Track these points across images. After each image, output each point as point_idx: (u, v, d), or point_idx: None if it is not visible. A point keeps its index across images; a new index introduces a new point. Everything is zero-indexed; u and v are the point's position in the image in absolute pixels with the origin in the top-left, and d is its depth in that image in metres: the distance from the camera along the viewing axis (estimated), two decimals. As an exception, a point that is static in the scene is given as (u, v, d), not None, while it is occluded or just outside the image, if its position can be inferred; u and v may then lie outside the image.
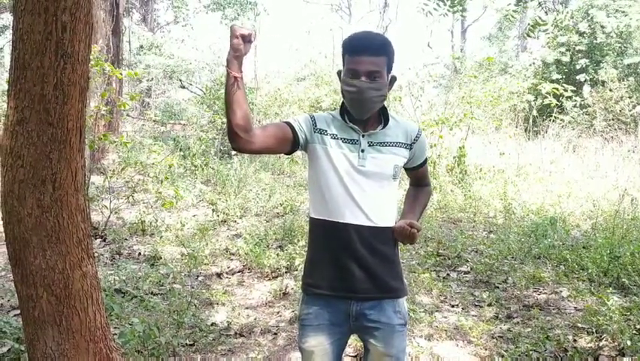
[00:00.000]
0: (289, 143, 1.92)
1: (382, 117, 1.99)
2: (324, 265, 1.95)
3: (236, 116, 1.78)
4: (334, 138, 1.93)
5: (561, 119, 12.68)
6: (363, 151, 1.91)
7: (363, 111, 1.90)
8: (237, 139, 1.80)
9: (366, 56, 1.84)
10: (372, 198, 1.90)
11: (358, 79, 1.85)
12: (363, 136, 1.93)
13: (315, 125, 1.95)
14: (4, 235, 2.40)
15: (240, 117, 1.78)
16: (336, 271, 1.92)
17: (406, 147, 1.98)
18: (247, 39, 1.78)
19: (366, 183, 1.90)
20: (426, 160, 2.11)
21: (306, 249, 2.09)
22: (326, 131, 1.94)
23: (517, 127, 12.48)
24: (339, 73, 1.96)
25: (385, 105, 2.01)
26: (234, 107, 1.77)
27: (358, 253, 1.89)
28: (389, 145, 1.94)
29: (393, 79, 1.94)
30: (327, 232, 1.93)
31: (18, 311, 3.35)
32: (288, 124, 1.93)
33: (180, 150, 10.88)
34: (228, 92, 1.78)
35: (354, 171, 1.89)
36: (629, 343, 3.37)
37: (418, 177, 2.18)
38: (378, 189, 1.91)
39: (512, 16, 6.32)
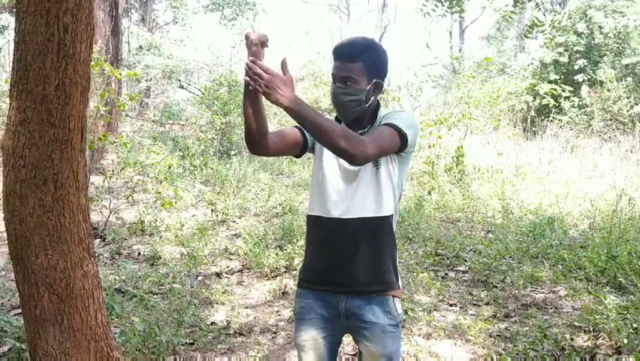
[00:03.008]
0: (299, 146, 2.02)
1: (374, 118, 2.02)
2: (314, 259, 2.02)
3: (255, 123, 1.84)
4: None
5: (559, 120, 12.71)
6: None
7: (341, 114, 1.98)
8: (255, 145, 1.89)
9: (341, 62, 1.92)
10: (358, 193, 1.92)
11: (335, 84, 1.94)
12: None
13: None
14: (5, 234, 2.42)
15: (258, 125, 1.85)
16: (326, 266, 1.98)
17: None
18: (265, 45, 1.83)
19: (353, 180, 1.93)
20: (387, 125, 1.88)
21: (304, 248, 2.13)
22: None
23: (515, 127, 12.51)
24: None
25: (382, 106, 2.04)
26: (253, 115, 1.83)
27: (346, 247, 1.93)
28: None
29: (379, 84, 1.96)
30: (316, 227, 2.00)
31: (19, 310, 3.37)
32: (299, 128, 2.01)
33: (179, 150, 10.90)
34: (247, 101, 1.82)
35: (341, 169, 1.95)
36: (625, 341, 3.39)
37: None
38: (367, 183, 1.93)
39: (510, 17, 6.35)
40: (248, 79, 1.68)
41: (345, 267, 1.94)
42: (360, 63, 1.90)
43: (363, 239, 1.93)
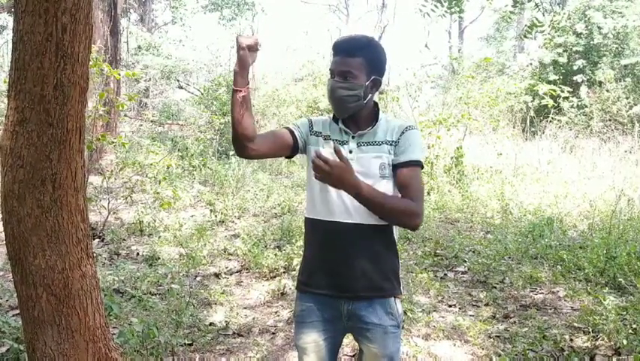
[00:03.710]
0: (289, 148, 2.01)
1: (374, 118, 2.00)
2: (315, 263, 2.00)
3: (241, 126, 1.87)
4: (326, 140, 1.99)
5: (558, 120, 12.71)
6: (350, 152, 1.93)
7: (338, 110, 1.97)
8: (241, 148, 1.91)
9: (341, 57, 1.92)
10: None
11: (333, 78, 1.93)
12: (353, 137, 1.96)
13: (312, 128, 2.03)
14: (3, 234, 2.41)
15: (244, 128, 1.87)
16: (326, 270, 1.96)
17: (391, 144, 1.94)
18: (253, 49, 1.84)
19: None
20: (415, 163, 1.90)
21: (302, 249, 2.12)
22: (321, 133, 2.01)
23: (514, 128, 12.52)
24: None
25: (379, 106, 2.03)
26: (240, 119, 1.86)
27: (347, 252, 1.92)
28: (376, 144, 1.95)
29: (377, 82, 1.95)
30: (317, 231, 1.98)
31: (17, 311, 3.36)
32: (289, 130, 2.02)
33: (178, 150, 10.89)
34: (234, 105, 1.86)
35: None
36: (625, 342, 3.39)
37: (400, 181, 1.91)
38: None
39: (509, 17, 6.34)
40: (317, 175, 1.72)
41: (347, 272, 1.92)
42: (360, 58, 1.90)
43: (365, 245, 1.92)
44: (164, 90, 21.04)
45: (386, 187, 1.93)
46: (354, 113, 1.96)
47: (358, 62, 1.89)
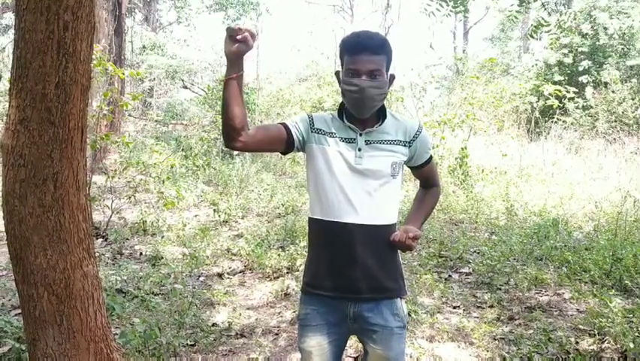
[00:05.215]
0: (283, 143, 1.95)
1: (380, 115, 1.98)
2: (320, 264, 1.96)
3: (226, 115, 1.82)
4: (332, 137, 1.94)
5: (563, 121, 12.66)
6: (360, 150, 1.90)
7: (365, 110, 1.91)
8: (228, 138, 1.85)
9: (366, 55, 1.86)
10: (369, 197, 1.89)
11: (359, 78, 1.86)
12: (360, 135, 1.93)
13: (313, 125, 1.97)
14: (5, 234, 2.40)
15: (229, 118, 1.81)
16: (332, 271, 1.92)
17: (404, 145, 1.96)
18: (234, 37, 1.78)
19: (364, 182, 1.89)
20: (430, 158, 2.09)
21: (307, 249, 2.09)
22: (324, 130, 1.95)
23: (519, 128, 12.48)
24: (337, 74, 1.98)
25: (384, 103, 2.00)
26: (228, 107, 1.81)
27: (353, 253, 1.88)
28: (387, 143, 1.93)
29: (393, 77, 1.95)
30: (323, 232, 1.94)
31: (19, 311, 3.35)
32: (284, 125, 1.96)
33: (182, 150, 10.89)
34: (229, 91, 1.81)
35: (351, 169, 1.89)
36: (631, 345, 3.35)
37: (424, 176, 2.15)
38: (377, 187, 1.90)
39: (515, 17, 6.29)
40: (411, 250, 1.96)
41: (353, 273, 1.89)
42: (383, 56, 1.88)
43: (371, 246, 1.90)
44: (168, 90, 21.06)
45: (395, 186, 1.95)
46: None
47: (382, 60, 1.88)
